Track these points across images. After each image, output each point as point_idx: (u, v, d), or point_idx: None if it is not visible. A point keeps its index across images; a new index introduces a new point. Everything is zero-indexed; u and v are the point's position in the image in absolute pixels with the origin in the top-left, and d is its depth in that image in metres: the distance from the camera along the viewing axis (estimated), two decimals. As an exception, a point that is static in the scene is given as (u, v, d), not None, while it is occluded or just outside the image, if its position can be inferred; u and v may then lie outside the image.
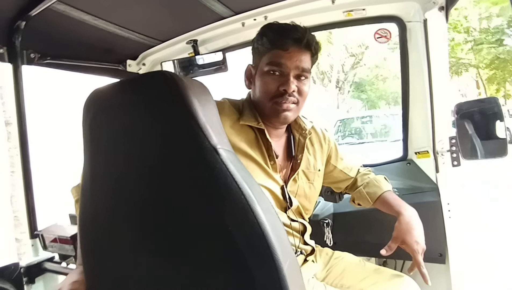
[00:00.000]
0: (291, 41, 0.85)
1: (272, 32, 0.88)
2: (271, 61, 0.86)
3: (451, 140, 1.20)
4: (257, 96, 0.90)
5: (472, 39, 13.73)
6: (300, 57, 0.86)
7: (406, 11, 1.20)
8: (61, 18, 1.06)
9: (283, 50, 0.85)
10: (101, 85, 0.57)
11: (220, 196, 0.49)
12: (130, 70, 1.58)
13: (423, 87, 1.21)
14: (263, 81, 0.88)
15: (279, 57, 0.86)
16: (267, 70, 0.87)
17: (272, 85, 0.86)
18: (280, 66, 0.86)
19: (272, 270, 0.47)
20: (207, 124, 0.50)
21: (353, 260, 1.05)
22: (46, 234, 1.15)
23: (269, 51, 0.87)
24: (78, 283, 0.71)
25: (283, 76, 0.86)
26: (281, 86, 0.85)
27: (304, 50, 0.87)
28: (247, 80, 0.96)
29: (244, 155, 0.87)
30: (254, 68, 0.93)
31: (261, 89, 0.88)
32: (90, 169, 0.58)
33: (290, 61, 0.85)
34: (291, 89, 0.85)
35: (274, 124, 0.93)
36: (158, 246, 0.53)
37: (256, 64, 0.92)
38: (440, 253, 1.20)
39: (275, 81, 0.86)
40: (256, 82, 0.91)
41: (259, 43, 0.90)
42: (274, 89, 0.86)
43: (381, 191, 1.05)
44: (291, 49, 0.85)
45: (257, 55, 0.91)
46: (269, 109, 0.88)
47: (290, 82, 0.85)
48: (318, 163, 1.04)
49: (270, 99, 0.87)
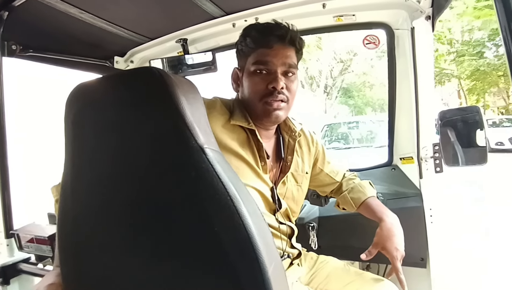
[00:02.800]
0: (275, 38, 0.85)
1: (255, 31, 0.88)
2: (257, 60, 0.86)
3: (435, 147, 1.23)
4: (247, 97, 0.89)
5: (455, 50, 14.25)
6: (286, 53, 0.86)
7: (395, 18, 1.22)
8: (46, 10, 1.02)
9: (268, 48, 0.85)
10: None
11: (206, 197, 0.48)
12: (118, 67, 1.54)
13: (409, 94, 1.24)
14: (251, 81, 0.87)
15: (264, 55, 0.85)
16: (254, 70, 0.86)
17: (260, 84, 0.86)
18: (266, 64, 0.85)
19: (257, 273, 0.46)
20: (195, 123, 0.49)
21: (338, 264, 1.06)
22: (22, 234, 1.11)
23: (254, 51, 0.87)
24: (55, 286, 0.68)
25: (271, 74, 0.86)
26: (270, 84, 0.85)
27: (289, 46, 0.87)
28: (235, 83, 0.95)
29: (235, 155, 0.86)
30: (240, 71, 0.92)
31: (249, 89, 0.88)
32: (72, 167, 0.56)
33: (276, 58, 0.85)
34: (280, 85, 0.84)
35: (265, 125, 0.93)
36: (142, 247, 0.52)
37: (242, 66, 0.91)
38: (422, 257, 1.23)
39: (263, 80, 0.86)
40: (244, 84, 0.90)
41: (243, 45, 0.90)
42: (263, 88, 0.85)
43: (365, 196, 1.06)
44: (275, 46, 0.85)
45: (242, 56, 0.91)
46: (260, 109, 0.87)
47: (279, 78, 0.84)
48: (306, 166, 1.05)
49: (260, 99, 0.86)
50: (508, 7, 0.47)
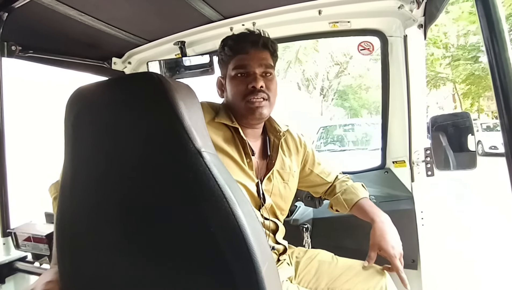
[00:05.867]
0: (249, 44, 0.95)
1: (231, 40, 0.97)
2: (236, 65, 0.95)
3: (426, 151, 1.26)
4: (231, 99, 0.97)
5: (450, 54, 14.36)
6: (261, 56, 0.95)
7: (388, 26, 1.26)
8: (45, 11, 1.03)
9: (244, 53, 0.94)
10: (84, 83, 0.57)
11: (202, 199, 0.49)
12: (115, 68, 1.55)
13: (402, 99, 1.27)
14: (233, 84, 0.95)
15: (242, 60, 0.94)
16: (235, 74, 0.95)
17: (241, 85, 0.94)
18: (245, 68, 0.94)
19: (251, 272, 0.48)
20: (192, 127, 0.50)
21: (326, 258, 1.08)
22: (19, 233, 1.11)
23: (233, 58, 0.96)
24: (53, 283, 0.69)
25: (250, 75, 0.94)
26: (250, 84, 0.92)
27: (263, 49, 0.96)
28: (219, 90, 1.04)
29: (221, 151, 0.92)
30: (223, 78, 1.01)
31: (232, 92, 0.95)
32: (71, 167, 0.57)
33: (253, 61, 0.94)
34: (259, 84, 0.92)
35: (251, 123, 0.98)
36: (139, 246, 0.53)
37: (224, 73, 1.00)
38: (413, 259, 1.25)
39: (244, 82, 0.94)
40: (227, 88, 0.98)
41: (222, 54, 0.99)
42: (244, 88, 0.93)
43: (358, 198, 1.09)
44: (251, 51, 0.94)
45: (223, 65, 1.00)
46: (244, 108, 0.94)
47: (257, 78, 0.93)
48: (293, 165, 1.09)
49: (242, 98, 0.93)
50: (490, 20, 0.50)
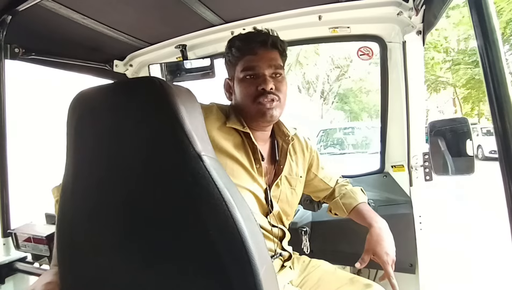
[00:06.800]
0: (258, 44, 0.91)
1: (238, 41, 0.93)
2: (244, 67, 0.91)
3: (425, 156, 1.26)
4: (240, 102, 0.93)
5: (451, 59, 14.39)
6: (270, 56, 0.92)
7: (387, 32, 1.27)
8: (49, 15, 1.05)
9: (253, 54, 0.91)
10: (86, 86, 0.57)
11: (201, 202, 0.50)
12: (117, 71, 1.56)
13: (401, 104, 1.28)
14: (242, 86, 0.92)
15: (250, 61, 0.91)
16: (243, 76, 0.91)
17: (251, 87, 0.90)
18: (254, 69, 0.90)
19: (249, 275, 0.48)
20: (193, 131, 0.51)
21: (329, 268, 1.08)
22: (19, 233, 1.12)
23: (241, 59, 0.92)
24: (52, 284, 0.69)
25: (259, 77, 0.90)
26: (260, 85, 0.89)
27: (272, 49, 0.93)
28: (227, 93, 1.00)
29: (230, 157, 0.90)
30: (231, 80, 0.97)
31: (242, 94, 0.92)
32: (73, 170, 0.58)
33: (262, 62, 0.90)
34: (269, 86, 0.89)
35: (261, 125, 0.96)
36: (138, 249, 0.53)
37: (232, 75, 0.96)
38: (411, 263, 1.26)
39: (253, 83, 0.90)
40: (236, 91, 0.94)
41: (229, 55, 0.95)
42: (254, 90, 0.90)
43: (356, 202, 1.09)
44: (259, 52, 0.91)
45: (231, 66, 0.96)
46: (254, 110, 0.91)
47: (267, 80, 0.89)
48: (300, 170, 1.08)
49: (253, 101, 0.90)
50: (485, 29, 0.51)
